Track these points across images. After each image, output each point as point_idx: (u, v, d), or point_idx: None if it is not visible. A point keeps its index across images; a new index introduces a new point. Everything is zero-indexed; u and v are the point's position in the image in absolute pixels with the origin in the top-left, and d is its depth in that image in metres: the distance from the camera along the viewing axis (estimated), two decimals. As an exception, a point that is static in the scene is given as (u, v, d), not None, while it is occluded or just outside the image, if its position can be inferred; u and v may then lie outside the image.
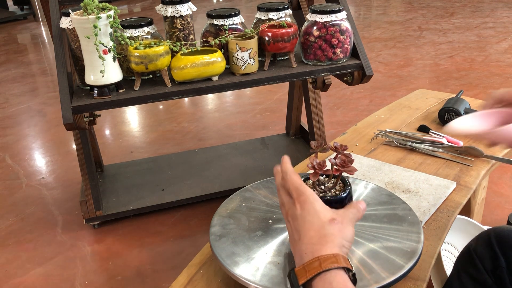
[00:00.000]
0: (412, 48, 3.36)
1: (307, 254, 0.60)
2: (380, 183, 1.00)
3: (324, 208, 0.64)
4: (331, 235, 0.61)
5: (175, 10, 1.25)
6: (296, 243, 0.63)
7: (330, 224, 0.62)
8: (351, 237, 0.63)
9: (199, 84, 1.22)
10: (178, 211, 1.66)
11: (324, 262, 0.58)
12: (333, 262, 0.57)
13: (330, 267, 0.57)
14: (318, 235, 0.61)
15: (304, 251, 0.61)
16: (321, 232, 0.61)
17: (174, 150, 2.11)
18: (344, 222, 0.63)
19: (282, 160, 0.70)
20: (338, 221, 0.62)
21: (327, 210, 0.64)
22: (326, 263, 0.57)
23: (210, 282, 0.78)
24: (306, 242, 0.61)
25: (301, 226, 0.63)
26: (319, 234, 0.61)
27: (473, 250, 0.78)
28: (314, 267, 0.58)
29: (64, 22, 1.19)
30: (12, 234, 1.60)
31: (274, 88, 2.76)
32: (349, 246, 0.62)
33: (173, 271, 1.39)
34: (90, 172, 1.49)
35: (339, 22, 1.25)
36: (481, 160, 1.09)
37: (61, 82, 1.16)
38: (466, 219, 1.20)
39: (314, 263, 0.58)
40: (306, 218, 0.63)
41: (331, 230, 0.61)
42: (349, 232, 0.62)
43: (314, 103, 1.71)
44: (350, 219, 0.64)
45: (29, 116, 2.60)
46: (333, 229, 0.61)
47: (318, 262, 0.58)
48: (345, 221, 0.63)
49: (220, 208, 0.87)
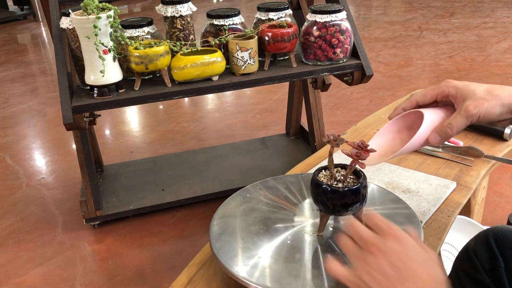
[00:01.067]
0: (412, 48, 3.36)
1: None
2: (380, 183, 1.00)
3: (425, 249, 0.57)
4: (440, 276, 0.55)
5: (175, 10, 1.25)
6: (394, 280, 0.53)
7: (436, 261, 0.56)
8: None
9: (199, 84, 1.22)
10: (178, 211, 1.66)
11: None
12: None
13: None
14: (429, 277, 0.54)
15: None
16: (434, 274, 0.55)
17: (174, 150, 2.11)
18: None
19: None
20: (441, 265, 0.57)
21: (427, 250, 0.57)
22: None
23: (210, 282, 0.78)
24: (415, 280, 0.53)
25: (401, 261, 0.54)
26: (432, 276, 0.54)
27: (472, 250, 0.78)
28: None
29: (64, 22, 1.19)
30: (12, 234, 1.60)
31: (274, 88, 2.76)
32: None
33: (173, 271, 1.39)
34: (90, 172, 1.49)
35: (339, 22, 1.25)
36: (481, 160, 1.09)
37: (61, 82, 1.16)
38: (466, 219, 1.20)
39: None
40: (407, 253, 0.55)
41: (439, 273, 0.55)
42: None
43: (314, 103, 1.71)
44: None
45: (29, 116, 2.60)
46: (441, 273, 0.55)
47: None
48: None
49: (220, 208, 0.87)
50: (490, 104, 0.67)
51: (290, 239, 0.78)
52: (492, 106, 0.67)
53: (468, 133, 1.22)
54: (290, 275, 0.70)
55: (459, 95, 0.70)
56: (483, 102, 0.67)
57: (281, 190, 0.92)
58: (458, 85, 0.71)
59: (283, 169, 1.73)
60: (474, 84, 0.70)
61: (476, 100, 0.68)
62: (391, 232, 0.57)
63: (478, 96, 0.68)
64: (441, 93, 0.72)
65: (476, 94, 0.68)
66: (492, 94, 0.68)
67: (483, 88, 0.69)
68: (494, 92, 0.68)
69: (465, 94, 0.69)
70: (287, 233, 0.80)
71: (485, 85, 0.70)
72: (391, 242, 0.56)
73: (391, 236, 0.56)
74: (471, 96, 0.68)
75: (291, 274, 0.70)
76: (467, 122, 0.68)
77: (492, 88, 0.69)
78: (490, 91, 0.68)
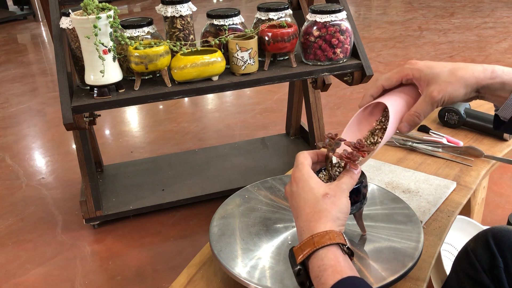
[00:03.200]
0: (412, 48, 3.36)
1: (304, 231, 0.62)
2: (380, 183, 1.00)
3: (318, 184, 0.65)
4: (325, 210, 0.62)
5: (175, 10, 1.25)
6: (296, 221, 0.65)
7: (323, 199, 0.63)
8: (345, 208, 0.64)
9: (199, 84, 1.22)
10: (178, 211, 1.66)
11: (317, 239, 0.59)
12: (326, 239, 0.59)
13: (322, 244, 0.59)
14: (312, 212, 0.63)
15: (302, 229, 0.63)
16: (315, 208, 0.63)
17: (174, 150, 2.11)
18: (337, 194, 0.64)
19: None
20: (331, 195, 0.63)
21: (320, 186, 0.65)
22: (319, 241, 0.59)
23: (210, 282, 0.78)
24: (303, 220, 0.63)
25: (297, 203, 0.65)
26: (314, 210, 0.63)
27: (471, 250, 0.78)
28: (308, 245, 0.60)
29: (64, 22, 1.19)
30: (12, 234, 1.60)
31: (274, 88, 2.76)
32: (345, 218, 0.64)
33: (173, 271, 1.39)
34: (90, 172, 1.49)
35: (339, 22, 1.25)
36: (481, 160, 1.09)
37: (61, 82, 1.16)
38: (466, 219, 1.20)
39: (309, 241, 0.60)
40: (301, 195, 0.65)
41: (324, 205, 0.62)
42: (343, 203, 0.63)
43: (314, 103, 1.71)
44: (343, 190, 0.65)
45: (29, 116, 2.60)
46: (326, 203, 0.63)
47: (312, 240, 0.60)
48: (338, 193, 0.64)
49: (220, 208, 0.87)
50: (454, 87, 0.67)
51: (290, 239, 0.78)
52: (455, 89, 0.67)
53: (468, 133, 1.22)
54: (291, 275, 0.70)
55: (423, 78, 0.69)
56: (446, 86, 0.67)
57: (281, 190, 0.92)
58: (422, 67, 0.70)
59: (283, 169, 1.73)
60: (438, 66, 0.69)
61: (440, 85, 0.67)
62: (293, 175, 0.68)
63: (441, 80, 0.67)
64: (405, 76, 0.72)
65: (440, 77, 0.68)
66: (455, 76, 0.67)
67: (446, 69, 0.68)
68: (457, 74, 0.67)
69: (429, 77, 0.68)
70: (287, 233, 0.80)
71: (449, 65, 0.69)
72: (291, 185, 0.68)
73: (293, 180, 0.67)
74: (434, 80, 0.68)
75: (292, 274, 0.70)
76: (432, 107, 0.69)
77: (455, 68, 0.68)
78: (454, 73, 0.67)
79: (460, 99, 0.68)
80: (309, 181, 0.65)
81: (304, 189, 0.65)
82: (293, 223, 0.82)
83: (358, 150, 0.69)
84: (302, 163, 0.68)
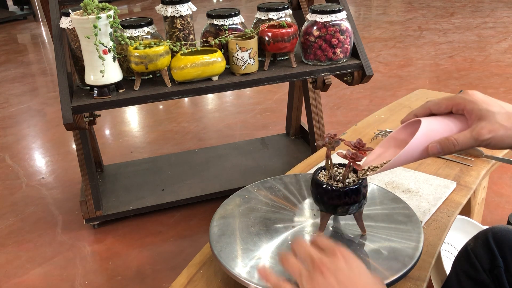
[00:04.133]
0: (412, 48, 3.36)
1: None
2: (380, 183, 1.00)
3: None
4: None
5: (175, 10, 1.25)
6: None
7: (382, 284, 0.57)
8: None
9: (199, 84, 1.22)
10: (178, 211, 1.66)
11: None
12: None
13: None
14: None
15: None
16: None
17: (174, 150, 2.11)
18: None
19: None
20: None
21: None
22: None
23: (210, 282, 0.78)
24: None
25: (349, 279, 0.55)
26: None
27: (471, 249, 0.78)
28: None
29: (64, 22, 1.19)
30: (12, 234, 1.60)
31: (274, 88, 2.76)
32: None
33: (173, 271, 1.39)
34: (90, 172, 1.49)
35: (339, 22, 1.25)
36: (481, 160, 1.09)
37: (61, 82, 1.16)
38: (466, 219, 1.20)
39: None
40: (354, 272, 0.56)
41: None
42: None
43: (314, 103, 1.71)
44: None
45: (29, 116, 2.60)
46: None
47: None
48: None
49: (220, 208, 0.87)
50: (507, 133, 0.61)
51: (290, 239, 0.78)
52: (508, 135, 0.61)
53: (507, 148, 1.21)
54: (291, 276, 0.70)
55: (476, 112, 0.63)
56: (499, 129, 0.61)
57: (281, 190, 0.92)
58: (478, 100, 0.63)
59: (283, 169, 1.73)
60: (496, 105, 0.63)
61: (493, 125, 0.61)
62: (339, 252, 0.57)
63: (496, 120, 0.61)
64: (456, 105, 0.65)
65: (495, 117, 0.61)
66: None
67: (504, 112, 0.62)
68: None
69: (483, 113, 0.62)
70: (287, 233, 0.80)
71: (508, 108, 0.63)
72: (339, 262, 0.56)
73: (339, 256, 0.56)
74: (488, 118, 0.62)
75: (291, 274, 0.70)
76: (475, 144, 0.63)
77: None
78: (511, 119, 0.61)
79: (506, 146, 0.63)
80: (360, 261, 0.58)
81: (359, 267, 0.56)
82: (293, 223, 0.82)
83: (358, 150, 0.69)
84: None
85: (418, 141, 0.64)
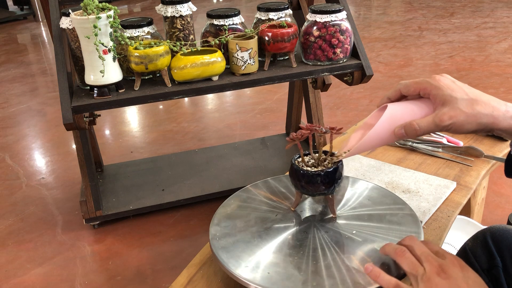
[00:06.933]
0: (412, 48, 3.36)
1: None
2: (380, 183, 1.00)
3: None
4: None
5: (175, 10, 1.25)
6: None
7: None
8: None
9: (199, 84, 1.22)
10: (178, 211, 1.66)
11: None
12: None
13: None
14: None
15: None
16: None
17: (174, 150, 2.11)
18: None
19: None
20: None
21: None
22: None
23: (210, 282, 0.78)
24: None
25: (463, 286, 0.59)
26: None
27: (470, 249, 0.78)
28: None
29: (64, 22, 1.19)
30: (12, 234, 1.60)
31: (274, 88, 2.76)
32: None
33: (173, 271, 1.39)
34: (90, 172, 1.49)
35: (339, 22, 1.25)
36: (481, 160, 1.09)
37: (61, 82, 1.16)
38: (466, 219, 1.21)
39: None
40: (469, 281, 0.59)
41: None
42: None
43: (314, 103, 1.71)
44: None
45: (29, 116, 2.60)
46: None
47: None
48: None
49: (220, 208, 0.87)
50: (467, 120, 0.62)
51: (291, 239, 0.78)
52: (468, 122, 0.62)
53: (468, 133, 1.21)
54: (291, 275, 0.70)
55: (440, 98, 0.64)
56: (459, 115, 0.62)
57: (281, 190, 0.92)
58: (443, 86, 0.65)
59: (283, 169, 1.73)
60: (460, 91, 0.64)
61: (455, 110, 0.62)
62: (456, 260, 0.61)
63: (457, 106, 0.62)
64: (423, 90, 0.67)
65: (457, 103, 0.63)
66: (473, 109, 0.62)
67: (467, 98, 0.63)
68: (476, 108, 0.62)
69: (446, 99, 0.64)
70: (287, 233, 0.80)
71: (472, 94, 0.63)
72: (456, 268, 0.60)
73: (456, 263, 0.61)
74: (451, 104, 0.63)
75: (292, 274, 0.70)
76: (436, 129, 0.64)
77: (476, 100, 0.63)
78: (473, 106, 0.62)
79: (466, 132, 0.64)
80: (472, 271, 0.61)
81: (474, 277, 0.60)
82: (293, 223, 0.82)
83: (310, 131, 0.78)
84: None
85: (382, 125, 0.67)
